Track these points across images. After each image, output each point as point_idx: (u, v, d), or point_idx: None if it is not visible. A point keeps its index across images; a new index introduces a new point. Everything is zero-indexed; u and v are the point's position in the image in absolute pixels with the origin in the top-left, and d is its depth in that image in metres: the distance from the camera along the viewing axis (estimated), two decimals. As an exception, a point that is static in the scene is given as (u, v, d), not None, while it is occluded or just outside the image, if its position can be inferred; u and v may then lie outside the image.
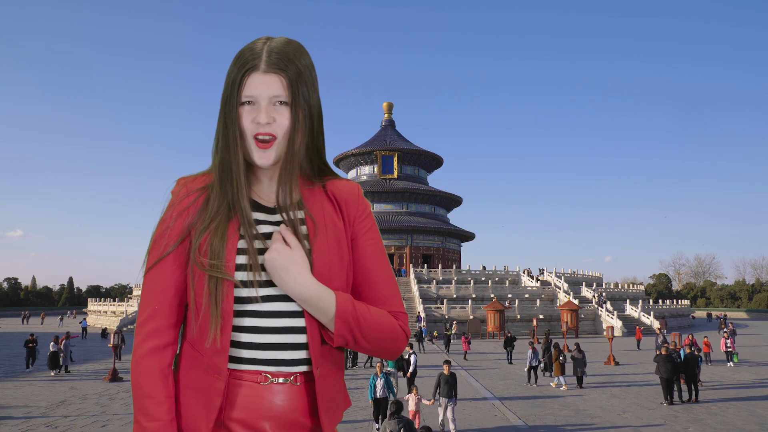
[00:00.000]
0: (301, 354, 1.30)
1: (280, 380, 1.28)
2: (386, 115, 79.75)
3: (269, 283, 1.29)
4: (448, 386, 11.33)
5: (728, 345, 23.83)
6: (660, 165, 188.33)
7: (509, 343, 25.11)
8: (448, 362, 12.01)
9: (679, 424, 12.44)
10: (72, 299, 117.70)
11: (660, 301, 64.16)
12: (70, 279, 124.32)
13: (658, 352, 16.02)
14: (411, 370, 15.83)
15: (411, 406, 10.98)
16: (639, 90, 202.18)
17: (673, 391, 14.95)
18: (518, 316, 43.11)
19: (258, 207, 1.36)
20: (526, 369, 19.04)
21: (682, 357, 16.08)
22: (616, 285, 68.90)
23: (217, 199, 1.32)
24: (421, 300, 44.12)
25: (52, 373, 20.53)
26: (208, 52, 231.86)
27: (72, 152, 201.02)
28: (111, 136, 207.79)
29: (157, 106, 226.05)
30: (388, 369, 14.39)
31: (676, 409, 14.22)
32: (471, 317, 41.56)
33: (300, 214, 1.36)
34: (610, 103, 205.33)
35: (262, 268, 1.28)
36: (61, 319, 60.05)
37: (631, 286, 72.99)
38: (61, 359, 21.04)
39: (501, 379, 19.50)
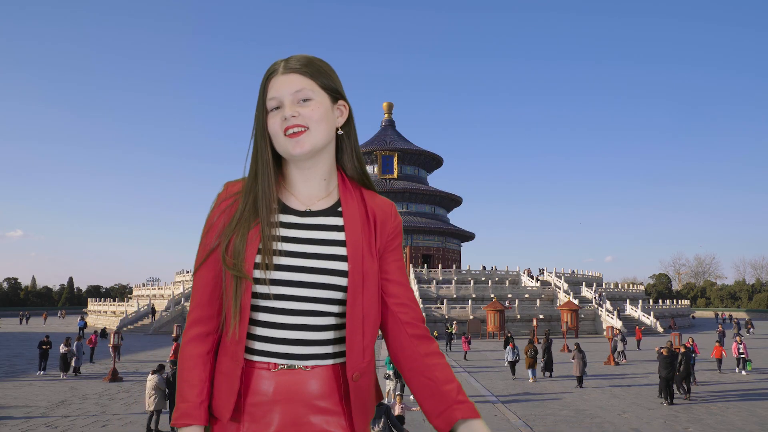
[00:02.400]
0: (312, 350, 1.38)
1: (286, 366, 1.37)
2: (386, 115, 79.71)
3: (283, 282, 1.37)
4: None
5: (741, 350, 20.96)
6: (660, 165, 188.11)
7: (509, 343, 25.10)
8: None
9: (679, 424, 12.44)
10: (72, 299, 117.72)
11: (660, 301, 64.14)
12: (70, 279, 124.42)
13: (658, 350, 15.97)
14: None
15: None
16: (639, 90, 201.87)
17: (673, 391, 14.98)
18: (518, 316, 43.11)
19: (287, 210, 1.43)
20: (506, 364, 20.76)
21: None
22: (616, 285, 68.87)
23: (244, 200, 1.40)
24: (421, 300, 44.14)
25: (63, 375, 19.85)
26: (208, 52, 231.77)
27: (72, 152, 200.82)
28: (111, 136, 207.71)
29: (157, 106, 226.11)
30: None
31: (676, 409, 14.23)
32: (471, 317, 41.57)
33: (333, 220, 1.43)
34: (610, 103, 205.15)
35: (276, 267, 1.36)
36: (82, 319, 54.62)
37: (631, 286, 72.98)
38: (74, 361, 20.41)
39: (501, 379, 19.51)
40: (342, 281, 1.37)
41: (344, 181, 1.48)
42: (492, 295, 45.62)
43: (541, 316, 42.71)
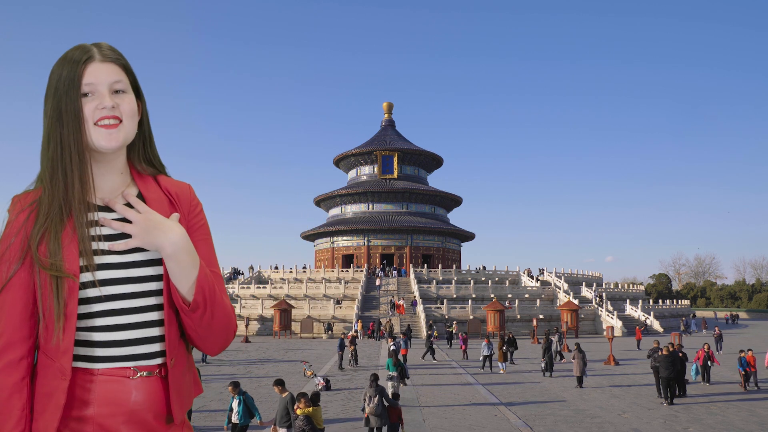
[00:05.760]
0: (155, 347, 1.35)
1: (146, 373, 1.33)
2: (386, 115, 79.72)
3: (112, 281, 1.32)
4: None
5: None
6: (660, 165, 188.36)
7: (510, 344, 25.10)
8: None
9: (679, 424, 12.45)
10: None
11: (660, 301, 64.13)
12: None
13: (657, 350, 15.97)
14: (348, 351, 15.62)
15: None
16: (639, 90, 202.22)
17: (673, 391, 14.98)
18: (518, 316, 43.12)
19: (92, 207, 1.36)
20: (480, 358, 22.84)
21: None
22: (616, 285, 68.91)
23: (47, 199, 1.32)
24: (421, 300, 44.20)
25: None
26: (208, 52, 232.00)
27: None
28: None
29: (157, 106, 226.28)
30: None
31: (676, 409, 14.23)
32: (471, 317, 41.58)
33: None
34: (610, 103, 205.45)
35: (100, 267, 1.31)
36: None
37: (631, 286, 73.00)
38: None
39: (501, 379, 19.51)
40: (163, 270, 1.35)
41: (138, 172, 1.47)
42: (492, 295, 45.63)
43: (541, 316, 42.74)
